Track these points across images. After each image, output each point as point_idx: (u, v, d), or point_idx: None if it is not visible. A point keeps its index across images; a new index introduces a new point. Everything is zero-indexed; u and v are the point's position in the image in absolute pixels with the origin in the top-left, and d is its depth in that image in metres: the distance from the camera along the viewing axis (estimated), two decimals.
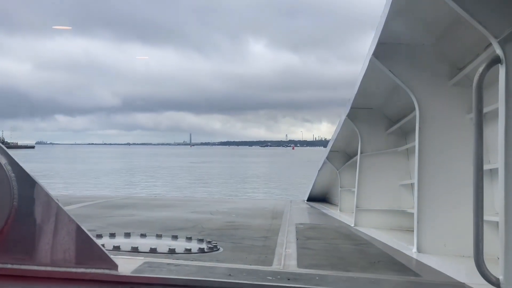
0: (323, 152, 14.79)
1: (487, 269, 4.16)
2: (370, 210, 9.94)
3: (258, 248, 6.63)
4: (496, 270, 4.15)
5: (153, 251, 5.82)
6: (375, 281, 4.81)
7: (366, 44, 7.37)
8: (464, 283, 4.76)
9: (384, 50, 6.95)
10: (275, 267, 5.37)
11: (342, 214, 12.36)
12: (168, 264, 4.97)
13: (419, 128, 6.84)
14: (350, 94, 9.90)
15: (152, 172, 73.24)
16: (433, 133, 6.78)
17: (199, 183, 55.43)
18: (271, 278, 4.60)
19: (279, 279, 4.59)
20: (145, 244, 6.12)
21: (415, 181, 6.89)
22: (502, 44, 4.16)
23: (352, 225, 9.93)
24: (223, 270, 4.84)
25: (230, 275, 4.62)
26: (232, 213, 11.50)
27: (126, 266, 4.53)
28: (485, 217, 4.32)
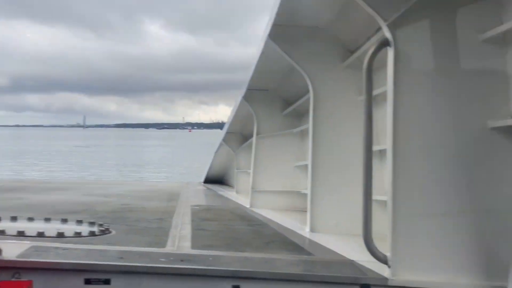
0: (220, 134, 14.79)
1: (375, 247, 4.28)
2: (265, 192, 10.03)
3: (152, 230, 6.52)
4: (385, 247, 4.28)
5: (40, 235, 5.57)
6: (269, 260, 4.85)
7: (264, 26, 7.38)
8: (353, 260, 4.89)
9: (280, 32, 6.98)
10: (169, 248, 5.29)
11: (239, 195, 12.42)
12: (56, 248, 4.78)
13: (313, 109, 6.94)
14: (247, 75, 9.92)
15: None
16: (325, 114, 6.91)
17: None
18: (164, 259, 4.53)
19: (172, 260, 4.53)
20: (32, 228, 5.85)
21: (309, 162, 7.00)
22: (391, 27, 4.26)
23: (248, 206, 9.99)
24: (114, 253, 4.71)
25: (121, 258, 4.50)
26: (127, 195, 11.27)
27: (11, 250, 4.33)
28: (375, 197, 4.44)
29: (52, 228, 6.03)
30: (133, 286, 4.22)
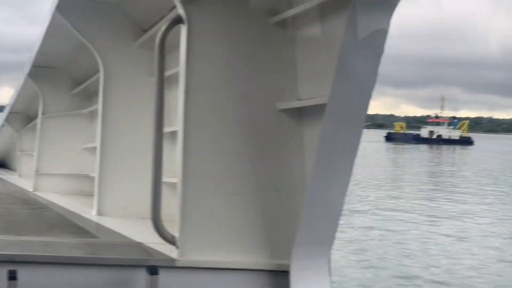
0: (0, 115, 13.77)
1: (164, 228, 4.22)
2: (51, 175, 9.52)
3: None
4: (175, 229, 4.24)
5: None
6: (50, 243, 4.61)
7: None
8: (141, 243, 4.78)
9: (68, 6, 6.57)
10: None
11: (21, 179, 11.67)
12: None
13: (103, 90, 6.69)
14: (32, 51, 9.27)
15: None
16: (117, 95, 6.69)
17: None
18: None
19: None
20: None
21: (97, 144, 6.74)
22: (184, 4, 4.20)
23: (31, 190, 9.41)
24: None
25: None
26: None
27: None
28: (167, 179, 4.37)
29: None
30: None
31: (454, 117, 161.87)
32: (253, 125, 4.37)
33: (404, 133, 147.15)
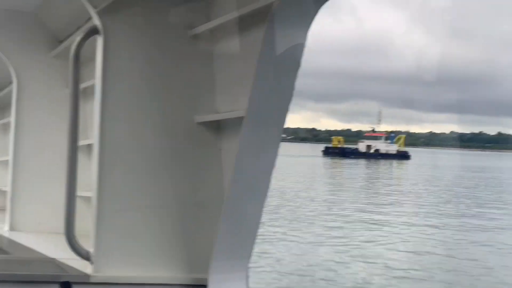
0: None
1: (78, 243, 4.11)
2: None
3: None
4: (90, 244, 4.14)
5: None
6: None
7: None
8: (54, 258, 4.64)
9: None
10: None
11: None
12: None
13: (16, 101, 6.49)
14: None
15: None
16: (31, 107, 6.50)
17: None
18: None
19: None
20: None
21: (10, 157, 6.52)
22: (100, 15, 4.13)
23: None
24: None
25: None
26: None
27: None
28: (82, 193, 4.27)
29: None
30: None
31: (391, 132, 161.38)
32: (170, 138, 4.33)
33: (342, 148, 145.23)
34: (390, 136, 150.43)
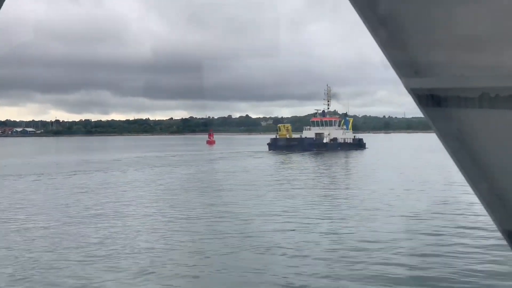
0: None
1: None
2: None
3: None
4: None
5: None
6: None
7: None
8: None
9: None
10: None
11: None
12: None
13: None
14: None
15: None
16: None
17: None
18: None
19: None
20: None
21: None
22: None
23: None
24: None
25: None
26: None
27: None
28: None
29: None
30: None
31: (345, 114, 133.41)
32: None
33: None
34: (346, 121, 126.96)
